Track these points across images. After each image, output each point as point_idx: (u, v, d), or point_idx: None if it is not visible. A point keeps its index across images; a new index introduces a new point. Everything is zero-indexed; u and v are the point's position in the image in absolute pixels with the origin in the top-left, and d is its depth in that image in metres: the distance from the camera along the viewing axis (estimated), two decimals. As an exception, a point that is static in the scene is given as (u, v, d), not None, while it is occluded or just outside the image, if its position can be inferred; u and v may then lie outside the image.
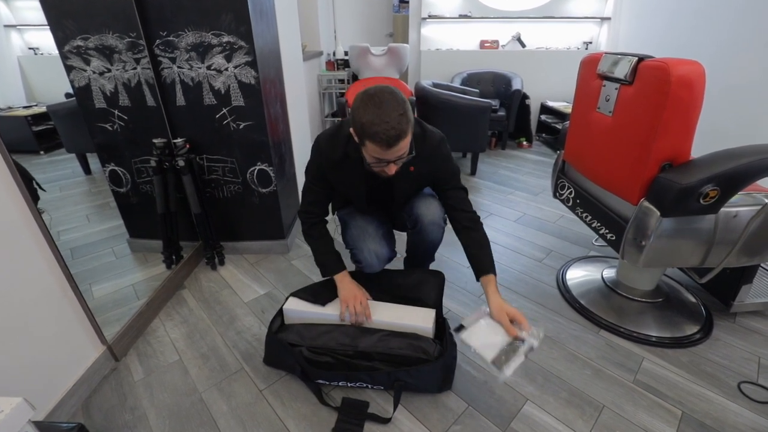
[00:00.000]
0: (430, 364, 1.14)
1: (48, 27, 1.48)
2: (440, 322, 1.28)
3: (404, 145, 1.01)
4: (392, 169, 1.08)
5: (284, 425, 1.12)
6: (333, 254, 1.32)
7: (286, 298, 1.34)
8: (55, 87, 1.65)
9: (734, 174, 1.06)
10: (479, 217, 1.28)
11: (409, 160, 1.13)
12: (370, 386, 1.20)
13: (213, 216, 1.82)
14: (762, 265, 1.54)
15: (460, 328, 1.16)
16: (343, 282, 1.29)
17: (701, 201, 1.08)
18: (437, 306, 1.32)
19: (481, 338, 1.14)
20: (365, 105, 0.98)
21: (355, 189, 1.30)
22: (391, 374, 1.14)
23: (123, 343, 1.36)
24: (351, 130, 1.06)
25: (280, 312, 1.32)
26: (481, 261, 1.22)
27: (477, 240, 1.25)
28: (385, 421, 1.12)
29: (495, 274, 1.21)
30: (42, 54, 1.58)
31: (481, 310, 1.21)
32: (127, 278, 1.71)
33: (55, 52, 1.51)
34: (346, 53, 3.82)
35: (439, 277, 1.39)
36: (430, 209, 1.31)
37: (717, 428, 1.09)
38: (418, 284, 1.35)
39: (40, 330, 1.08)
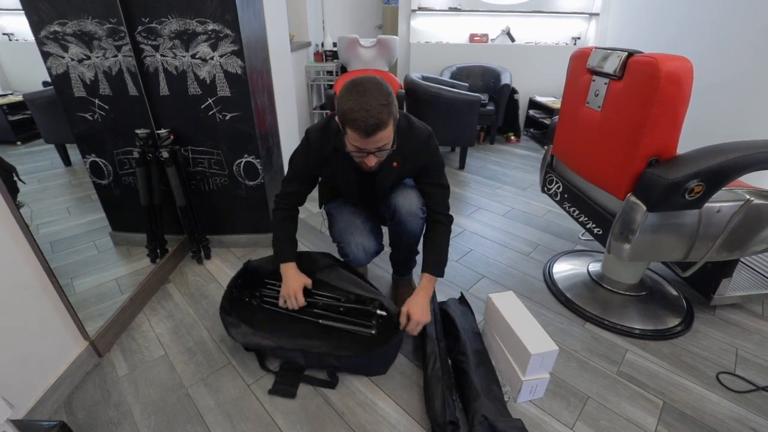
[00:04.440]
0: (369, 355, 1.21)
1: (23, 11, 1.41)
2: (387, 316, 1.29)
3: (384, 136, 1.01)
4: (372, 161, 1.08)
5: (272, 419, 1.11)
6: (288, 242, 1.34)
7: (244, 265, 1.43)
8: (31, 75, 1.58)
9: (719, 170, 1.08)
10: (452, 219, 1.34)
11: (393, 157, 1.12)
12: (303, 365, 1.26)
13: (199, 209, 1.78)
14: (741, 259, 1.58)
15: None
16: (287, 274, 1.31)
17: (687, 196, 1.10)
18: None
19: None
20: (349, 92, 0.99)
21: (345, 181, 1.28)
22: (323, 357, 1.21)
23: (106, 338, 1.33)
24: (336, 118, 1.05)
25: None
26: (435, 259, 1.29)
27: (438, 239, 1.30)
28: (331, 384, 1.21)
29: (438, 277, 1.29)
30: (17, 40, 1.51)
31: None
32: (110, 272, 1.67)
33: (32, 38, 1.44)
34: (334, 44, 3.75)
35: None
36: (407, 200, 1.28)
37: (696, 417, 1.13)
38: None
39: (19, 326, 1.04)
